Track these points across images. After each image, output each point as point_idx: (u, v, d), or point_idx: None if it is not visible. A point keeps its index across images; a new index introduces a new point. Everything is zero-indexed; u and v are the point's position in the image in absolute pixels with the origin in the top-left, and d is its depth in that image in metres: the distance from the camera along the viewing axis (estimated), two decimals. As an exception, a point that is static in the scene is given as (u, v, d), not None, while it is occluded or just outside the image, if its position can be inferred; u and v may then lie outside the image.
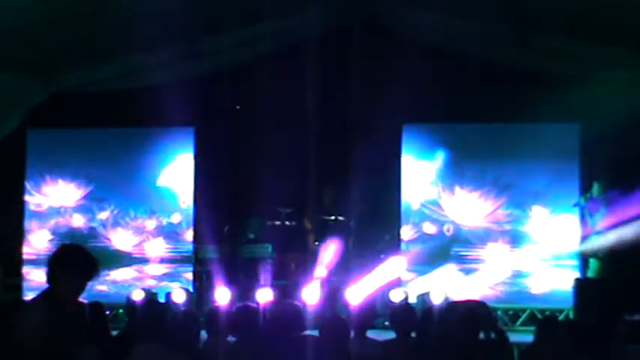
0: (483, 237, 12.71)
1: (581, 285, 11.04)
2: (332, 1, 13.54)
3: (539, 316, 12.27)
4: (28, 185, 13.51)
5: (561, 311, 12.11)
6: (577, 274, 12.17)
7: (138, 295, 11.49)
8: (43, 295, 5.46)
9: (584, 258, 12.43)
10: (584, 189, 12.54)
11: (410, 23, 13.39)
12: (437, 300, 11.02)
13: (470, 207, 12.71)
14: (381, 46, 13.57)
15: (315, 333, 7.08)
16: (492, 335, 6.25)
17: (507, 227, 12.72)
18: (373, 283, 11.99)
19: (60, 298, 5.46)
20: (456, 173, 12.78)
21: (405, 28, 13.54)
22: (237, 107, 14.14)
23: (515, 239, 12.70)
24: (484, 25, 12.54)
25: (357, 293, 11.46)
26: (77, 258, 5.61)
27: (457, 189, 12.78)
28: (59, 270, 5.56)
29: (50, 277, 5.61)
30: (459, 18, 12.52)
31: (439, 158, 12.88)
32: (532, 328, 11.28)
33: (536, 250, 12.64)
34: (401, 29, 13.58)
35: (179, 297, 11.80)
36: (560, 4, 10.90)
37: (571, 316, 11.52)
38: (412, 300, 11.73)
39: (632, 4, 10.30)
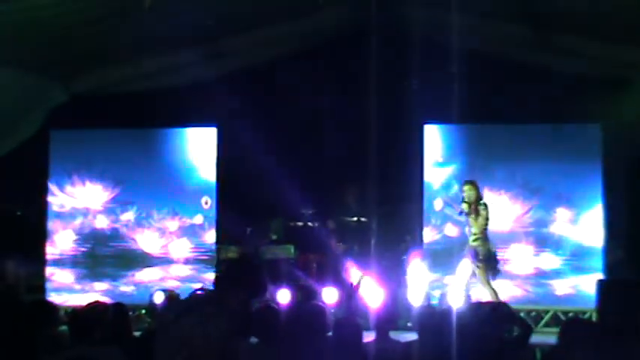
0: (507, 239, 12.65)
1: (604, 286, 10.98)
2: (353, 3, 13.52)
3: (562, 317, 12.21)
4: (51, 186, 13.55)
5: (584, 312, 12.05)
6: (600, 275, 12.10)
7: (159, 297, 11.53)
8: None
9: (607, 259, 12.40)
10: (607, 189, 12.48)
11: (433, 24, 13.37)
12: (459, 301, 10.99)
13: (499, 209, 12.62)
14: (405, 47, 13.54)
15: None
16: (515, 332, 6.22)
17: (531, 229, 12.66)
18: (395, 284, 11.99)
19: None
20: (485, 175, 12.69)
21: (428, 29, 13.52)
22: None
23: (539, 241, 12.63)
24: (507, 26, 12.52)
25: (379, 294, 11.47)
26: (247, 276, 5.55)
27: (486, 191, 12.71)
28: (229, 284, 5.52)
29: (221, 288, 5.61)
30: (482, 18, 12.50)
31: (460, 160, 12.82)
32: (555, 329, 11.28)
33: (560, 251, 12.58)
34: (424, 30, 13.56)
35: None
36: (583, 4, 10.85)
37: (594, 317, 11.47)
38: (434, 301, 11.71)
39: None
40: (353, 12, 13.84)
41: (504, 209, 12.69)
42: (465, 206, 11.36)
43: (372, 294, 11.51)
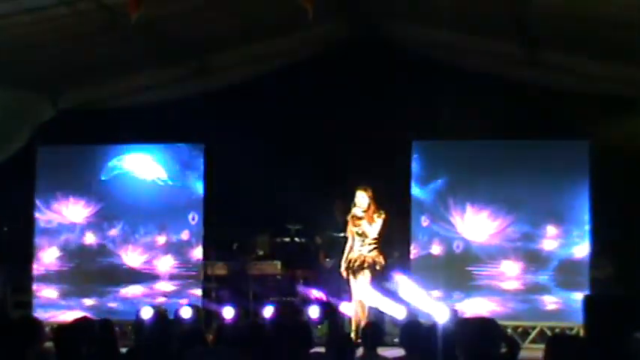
0: (493, 254, 12.66)
1: (590, 302, 10.96)
2: (342, 18, 13.56)
3: (549, 333, 12.20)
4: (38, 202, 13.50)
5: (571, 328, 12.05)
6: (587, 291, 12.10)
7: (146, 313, 11.48)
8: None
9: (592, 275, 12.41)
10: (595, 205, 12.50)
11: (420, 40, 13.43)
12: (446, 317, 10.98)
13: (480, 225, 12.66)
14: (392, 63, 13.61)
15: (322, 350, 7.06)
16: (503, 349, 6.21)
17: (518, 244, 12.66)
18: (382, 299, 11.97)
19: None
20: (466, 190, 12.72)
21: (415, 45, 13.58)
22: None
23: (526, 256, 12.63)
24: (494, 43, 12.55)
25: (366, 310, 11.46)
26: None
27: (468, 206, 12.72)
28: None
29: None
30: (469, 35, 12.53)
31: (448, 175, 12.82)
32: (541, 345, 11.29)
33: (547, 266, 12.58)
34: (411, 46, 13.62)
35: (187, 314, 11.79)
36: (569, 22, 10.89)
37: (581, 333, 11.46)
38: (421, 316, 11.70)
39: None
40: (341, 28, 13.88)
41: (490, 224, 12.69)
42: (357, 211, 11.30)
43: (359, 309, 11.50)
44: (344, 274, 11.53)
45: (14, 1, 9.77)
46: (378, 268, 11.36)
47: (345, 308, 11.96)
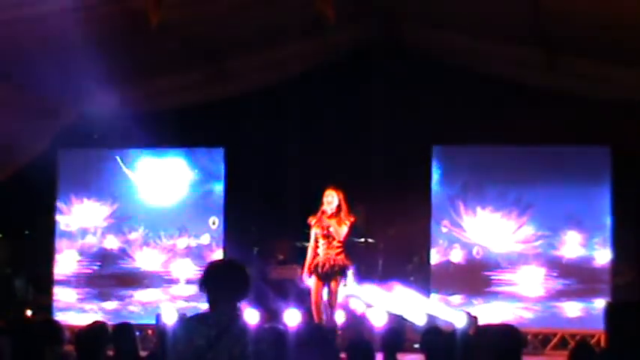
0: (514, 260, 12.62)
1: (612, 309, 10.91)
2: (362, 24, 13.55)
3: (570, 340, 12.17)
4: (59, 205, 13.54)
5: (593, 335, 11.99)
6: (609, 298, 12.05)
7: (168, 316, 11.50)
8: None
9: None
10: (616, 212, 12.45)
11: (440, 45, 13.40)
12: (466, 323, 10.96)
13: (501, 230, 12.62)
14: (412, 68, 13.58)
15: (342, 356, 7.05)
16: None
17: (539, 250, 12.61)
18: (402, 305, 11.95)
19: None
20: (487, 196, 12.69)
21: (433, 51, 13.56)
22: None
23: (548, 263, 12.59)
24: (512, 48, 12.52)
25: (386, 315, 11.43)
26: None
27: (489, 212, 12.69)
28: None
29: None
30: (489, 40, 12.51)
31: (469, 181, 12.80)
32: (563, 351, 11.26)
33: (569, 273, 12.53)
34: (429, 51, 13.59)
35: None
36: (590, 27, 10.85)
37: (602, 340, 11.41)
38: (442, 322, 11.66)
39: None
40: (361, 33, 13.87)
41: (511, 230, 12.66)
42: (327, 209, 10.88)
43: (379, 315, 11.48)
44: (306, 278, 11.15)
45: (38, 5, 9.81)
46: (348, 271, 11.10)
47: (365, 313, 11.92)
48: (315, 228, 11.05)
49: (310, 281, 11.12)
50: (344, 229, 10.89)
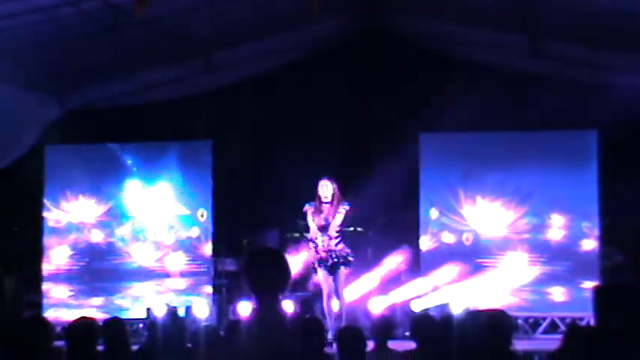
0: (502, 246, 12.64)
1: (600, 292, 10.94)
2: (347, 12, 13.57)
3: (560, 323, 12.22)
4: (46, 202, 13.50)
5: (582, 319, 12.04)
6: (596, 282, 12.08)
7: (159, 310, 11.50)
8: None
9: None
10: (604, 196, 12.47)
11: (428, 32, 13.42)
12: (457, 309, 10.98)
13: (491, 216, 12.64)
14: (400, 55, 13.62)
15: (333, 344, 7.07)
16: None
17: (526, 236, 12.64)
18: (393, 293, 11.98)
19: None
20: (476, 182, 12.70)
21: (422, 38, 13.57)
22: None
23: (535, 247, 12.61)
24: (501, 34, 12.55)
25: (377, 303, 11.46)
26: None
27: (478, 198, 12.71)
28: None
29: None
30: (477, 27, 12.54)
31: (456, 167, 12.80)
32: (553, 336, 11.31)
33: (556, 257, 12.56)
34: (418, 39, 13.61)
35: (199, 310, 11.81)
36: (573, 12, 10.88)
37: (592, 323, 11.45)
38: (432, 309, 11.69)
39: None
40: (350, 21, 13.89)
41: (499, 216, 12.69)
42: (322, 199, 11.03)
43: (370, 303, 11.50)
44: (319, 272, 11.23)
45: (22, 1, 9.79)
46: (350, 259, 11.19)
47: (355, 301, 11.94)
48: (310, 219, 11.14)
49: (318, 276, 11.27)
50: (338, 219, 11.00)
